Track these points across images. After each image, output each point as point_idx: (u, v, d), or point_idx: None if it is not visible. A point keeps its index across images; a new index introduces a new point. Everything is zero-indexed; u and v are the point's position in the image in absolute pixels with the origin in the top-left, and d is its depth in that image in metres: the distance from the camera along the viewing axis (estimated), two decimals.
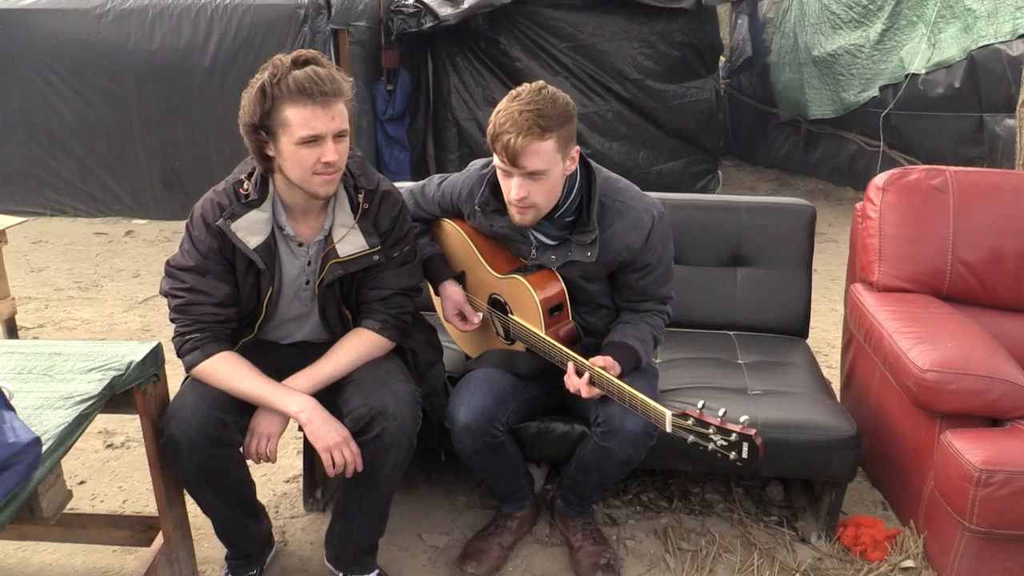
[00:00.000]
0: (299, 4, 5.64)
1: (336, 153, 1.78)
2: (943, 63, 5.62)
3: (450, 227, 2.26)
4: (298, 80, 1.71)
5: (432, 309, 2.46)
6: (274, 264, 1.92)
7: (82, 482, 2.64)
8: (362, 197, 1.93)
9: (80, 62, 6.02)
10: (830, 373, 3.03)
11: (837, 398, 2.43)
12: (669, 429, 1.73)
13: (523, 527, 2.30)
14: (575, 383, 1.90)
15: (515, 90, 1.89)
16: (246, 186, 1.89)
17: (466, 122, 6.48)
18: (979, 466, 1.92)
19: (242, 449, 1.90)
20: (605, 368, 1.88)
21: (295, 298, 2.00)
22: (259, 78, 1.76)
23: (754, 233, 2.73)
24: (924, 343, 2.15)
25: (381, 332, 1.98)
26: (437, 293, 2.25)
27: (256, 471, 2.15)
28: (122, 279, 4.92)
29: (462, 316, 2.20)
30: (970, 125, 5.53)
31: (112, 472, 2.71)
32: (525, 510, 2.29)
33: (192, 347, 1.87)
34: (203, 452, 1.81)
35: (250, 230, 1.87)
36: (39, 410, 1.58)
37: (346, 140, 1.82)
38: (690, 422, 1.69)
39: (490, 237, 2.19)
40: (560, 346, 1.96)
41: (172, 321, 1.92)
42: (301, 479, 2.50)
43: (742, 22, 8.51)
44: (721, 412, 1.68)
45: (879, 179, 2.61)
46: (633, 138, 6.57)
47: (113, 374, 1.72)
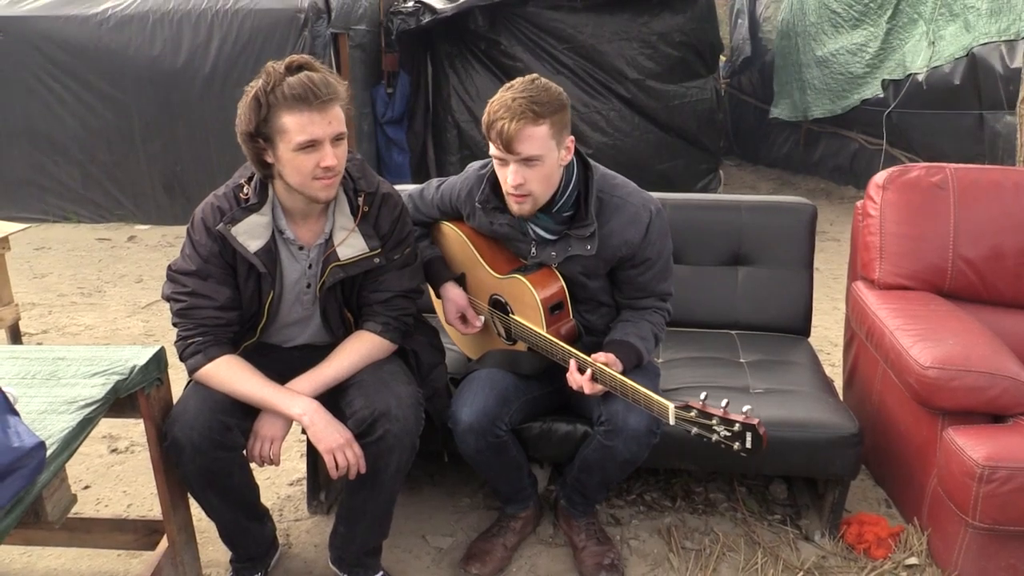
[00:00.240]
0: (299, 8, 5.66)
1: (335, 157, 1.78)
2: (943, 61, 5.62)
3: (449, 230, 2.26)
4: (292, 87, 1.72)
5: (434, 311, 2.47)
6: (275, 268, 1.93)
7: (87, 487, 2.65)
8: (362, 200, 1.94)
9: (81, 68, 6.05)
10: (833, 371, 3.03)
11: (839, 396, 2.43)
12: (672, 422, 1.74)
13: (527, 528, 2.30)
14: (577, 380, 1.91)
15: (508, 83, 1.93)
16: (246, 190, 1.90)
17: (466, 124, 6.49)
18: (982, 462, 1.92)
19: (245, 452, 1.90)
20: (607, 365, 1.88)
21: (296, 301, 2.01)
22: (253, 86, 1.76)
23: (755, 232, 2.73)
24: (925, 340, 2.16)
25: (383, 334, 1.99)
26: (438, 296, 2.26)
27: (260, 474, 2.15)
28: (125, 284, 4.93)
29: (464, 319, 2.21)
30: (971, 122, 5.53)
31: (116, 477, 2.72)
32: (529, 511, 2.29)
33: (195, 351, 1.88)
34: (206, 455, 1.81)
35: (250, 234, 1.88)
36: (43, 415, 1.59)
37: (344, 143, 1.82)
38: (693, 414, 1.70)
39: (490, 238, 2.20)
40: (562, 344, 1.97)
41: (174, 325, 1.93)
42: (305, 482, 2.51)
43: (742, 22, 8.52)
44: (724, 403, 1.68)
45: (879, 177, 2.61)
46: (634, 138, 6.58)
47: (117, 378, 1.73)
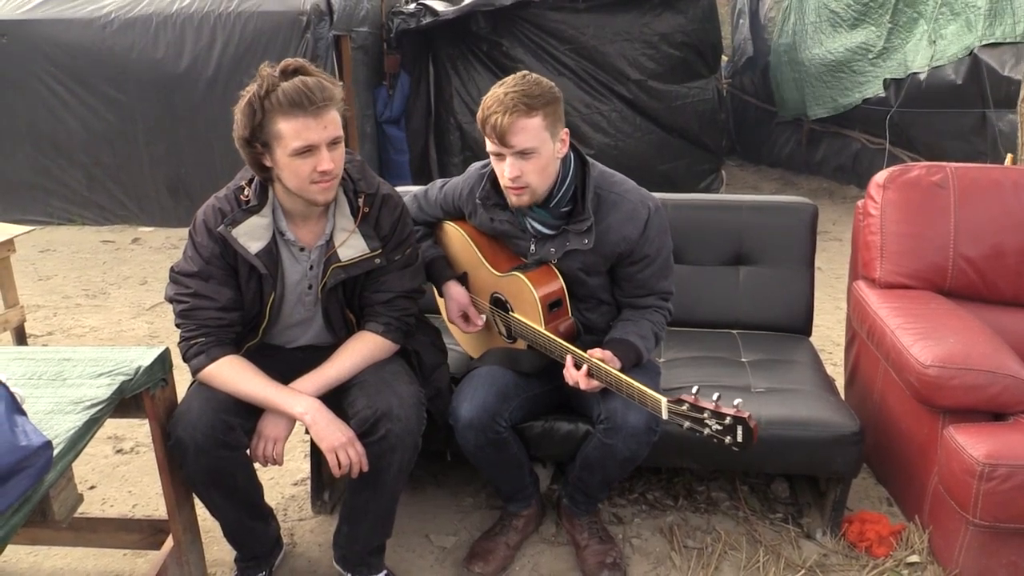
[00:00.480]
0: (301, 11, 5.67)
1: (331, 161, 1.79)
2: (945, 61, 5.62)
3: (452, 229, 2.28)
4: (287, 92, 1.73)
5: (436, 311, 2.48)
6: (276, 269, 1.94)
7: (92, 487, 2.66)
8: (362, 201, 1.95)
9: (85, 71, 6.06)
10: (835, 370, 3.04)
11: (841, 395, 2.43)
12: (665, 416, 1.76)
13: (529, 526, 2.31)
14: (573, 375, 1.93)
15: (500, 80, 1.95)
16: (246, 192, 1.91)
17: (468, 125, 6.50)
18: (982, 460, 1.93)
19: (249, 452, 1.92)
20: (604, 361, 1.90)
21: (298, 302, 2.02)
22: (249, 91, 1.77)
23: (756, 232, 2.74)
24: (926, 339, 2.16)
25: (385, 335, 2.00)
26: (441, 294, 2.28)
27: (264, 474, 2.17)
28: (129, 286, 4.95)
29: (466, 317, 2.23)
30: (973, 122, 5.53)
31: (122, 477, 2.73)
32: (530, 509, 2.30)
33: (197, 351, 1.89)
34: (209, 455, 1.83)
35: (251, 235, 1.89)
36: (50, 415, 1.60)
37: (341, 146, 1.84)
38: (685, 408, 1.72)
39: (491, 237, 2.22)
40: (560, 340, 1.98)
41: (177, 326, 1.94)
42: (309, 482, 2.52)
43: (744, 22, 8.52)
44: (715, 397, 1.70)
45: (880, 176, 2.61)
46: (636, 139, 6.58)
47: (122, 379, 1.74)
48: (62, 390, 1.70)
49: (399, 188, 2.18)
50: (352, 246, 1.94)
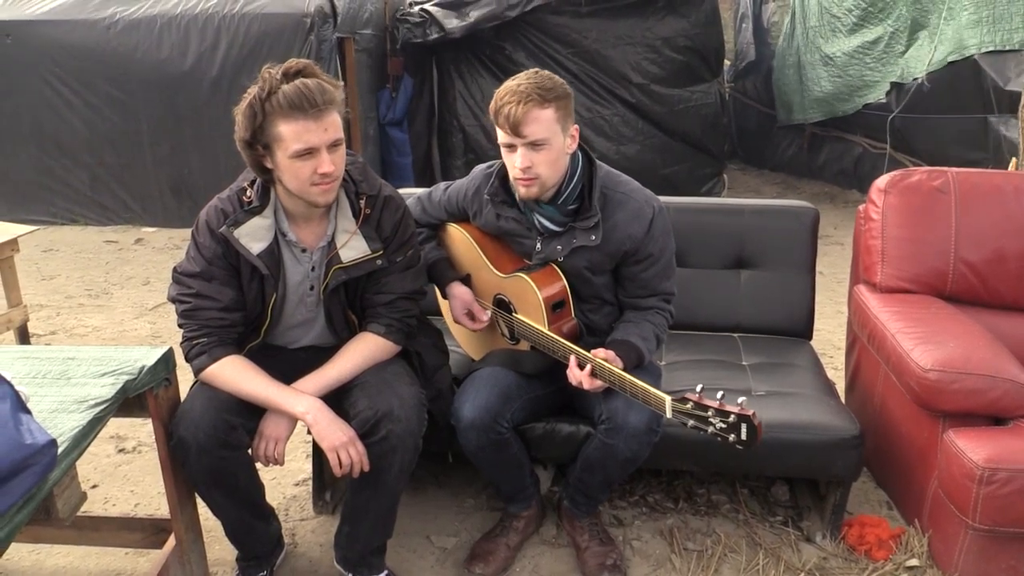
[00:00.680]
0: (305, 13, 5.69)
1: (332, 163, 1.80)
2: (939, 64, 5.63)
3: (455, 231, 2.29)
4: (288, 95, 1.73)
5: (438, 313, 2.49)
6: (278, 270, 1.95)
7: (94, 486, 2.67)
8: (363, 203, 1.96)
9: (89, 72, 6.08)
10: (835, 374, 3.04)
11: (842, 399, 2.44)
12: (669, 414, 1.77)
13: (529, 527, 2.32)
14: (577, 375, 1.94)
15: (513, 76, 2.00)
16: (249, 193, 1.92)
17: (471, 128, 6.52)
18: (982, 464, 1.94)
19: (250, 452, 1.93)
20: (606, 360, 1.91)
21: (300, 303, 2.03)
22: (250, 93, 1.78)
23: (757, 235, 2.75)
24: (927, 343, 2.17)
25: (386, 336, 2.01)
26: (444, 296, 2.29)
27: (266, 474, 2.17)
28: (132, 286, 4.96)
29: (471, 315, 2.24)
30: (975, 127, 5.53)
31: (124, 476, 2.74)
32: (531, 510, 2.31)
33: (200, 351, 1.90)
34: (211, 454, 1.84)
35: (253, 236, 1.90)
36: (54, 413, 1.61)
37: (341, 148, 1.84)
38: (689, 406, 1.72)
39: (495, 238, 2.23)
40: (563, 341, 1.99)
41: (180, 326, 1.95)
42: (310, 482, 2.53)
43: (746, 26, 8.52)
44: (719, 395, 1.70)
45: (881, 181, 2.62)
46: (638, 143, 6.59)
47: (126, 378, 1.75)
48: (66, 389, 1.71)
49: (402, 190, 2.19)
50: (354, 247, 1.95)
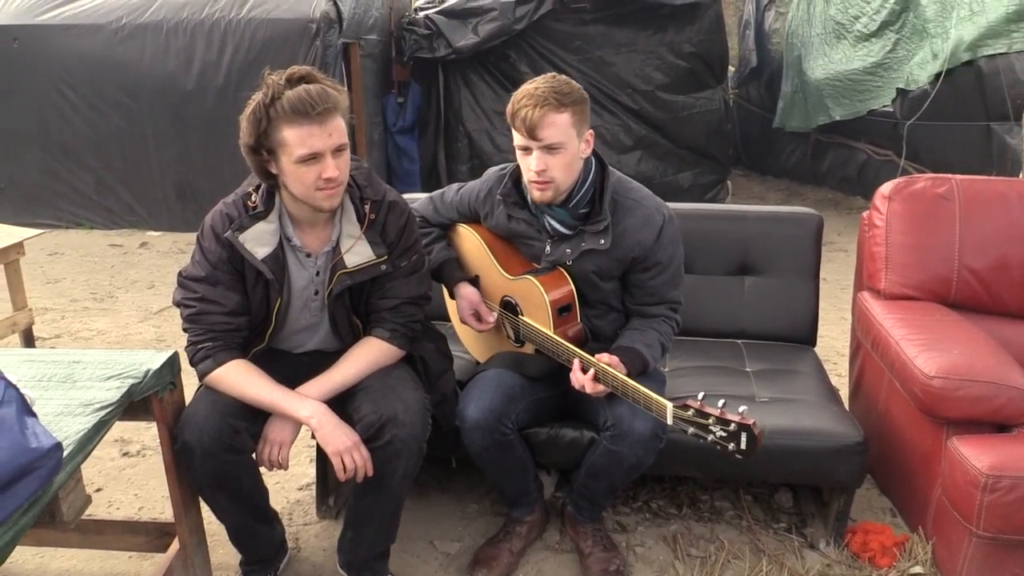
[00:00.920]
0: (311, 19, 5.71)
1: (336, 168, 1.81)
2: (939, 69, 5.63)
3: (466, 232, 2.30)
4: (291, 100, 1.74)
5: (443, 318, 2.49)
6: (283, 275, 1.95)
7: (98, 489, 2.68)
8: (368, 208, 1.96)
9: (95, 77, 6.11)
10: (839, 381, 3.04)
11: (845, 406, 2.44)
12: (670, 421, 1.77)
13: (532, 533, 2.32)
14: (580, 379, 1.94)
15: (531, 79, 2.01)
16: (254, 198, 1.93)
17: (476, 134, 6.53)
18: (986, 472, 1.93)
19: (255, 456, 1.93)
20: (610, 365, 1.91)
21: (304, 308, 2.03)
22: (254, 99, 1.79)
23: (761, 242, 2.75)
24: (931, 350, 2.17)
25: (391, 341, 2.01)
26: (452, 296, 2.29)
27: (270, 479, 2.18)
28: (137, 290, 4.98)
29: (477, 316, 2.24)
30: (978, 134, 5.53)
31: (128, 480, 2.75)
32: (534, 515, 2.31)
33: (204, 355, 1.91)
34: (216, 458, 1.84)
35: (258, 241, 1.91)
36: (59, 416, 1.62)
37: (346, 153, 1.85)
38: (690, 413, 1.72)
39: (505, 241, 2.24)
40: (568, 344, 2.00)
41: (185, 330, 1.96)
42: (314, 487, 2.53)
43: (749, 32, 8.54)
44: (720, 403, 1.70)
45: (885, 188, 2.62)
46: (642, 149, 6.60)
47: (131, 382, 1.76)
48: (72, 392, 1.72)
49: (409, 196, 2.20)
50: (358, 252, 1.95)
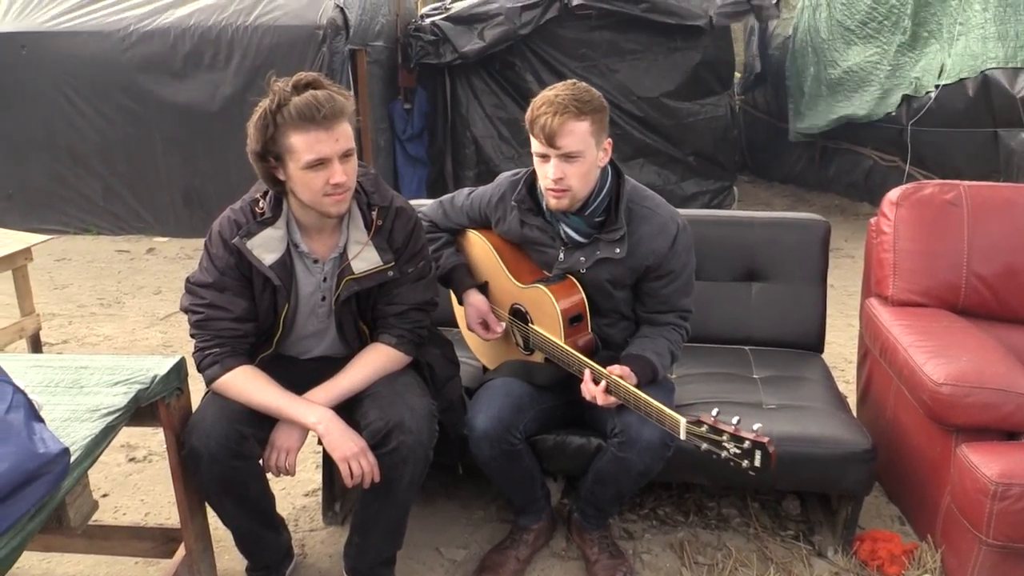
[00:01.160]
0: (318, 25, 5.73)
1: (344, 174, 1.81)
2: (952, 79, 5.62)
3: (476, 237, 2.30)
4: (298, 106, 1.75)
5: (450, 324, 2.49)
6: (290, 281, 1.96)
7: (105, 495, 2.68)
8: (375, 214, 1.97)
9: (103, 83, 6.14)
10: (847, 388, 3.03)
11: (853, 412, 2.43)
12: (683, 436, 1.75)
13: (539, 540, 2.31)
14: (591, 390, 1.93)
15: (551, 86, 1.99)
16: (261, 205, 1.94)
17: (483, 140, 6.55)
18: (995, 479, 1.92)
19: (261, 462, 1.93)
20: (621, 377, 1.91)
21: (312, 314, 2.03)
22: (261, 105, 1.80)
23: (769, 248, 2.74)
24: (939, 357, 2.16)
25: (397, 347, 2.01)
26: (460, 302, 2.29)
27: (276, 485, 2.18)
28: (144, 296, 4.99)
29: (485, 324, 2.24)
30: (985, 140, 5.52)
31: (134, 485, 2.75)
32: (542, 523, 2.30)
33: (212, 361, 1.91)
34: (223, 464, 1.84)
35: (265, 247, 1.91)
36: (67, 422, 1.62)
37: (353, 159, 1.86)
38: (704, 429, 1.71)
39: (515, 248, 2.23)
40: (578, 355, 1.99)
41: (192, 336, 1.96)
42: (320, 493, 2.53)
43: (755, 38, 8.54)
44: (735, 420, 1.69)
45: (893, 194, 2.62)
46: (648, 155, 6.60)
47: (138, 387, 1.76)
48: (79, 398, 1.72)
49: (415, 202, 2.20)
50: (365, 258, 1.95)
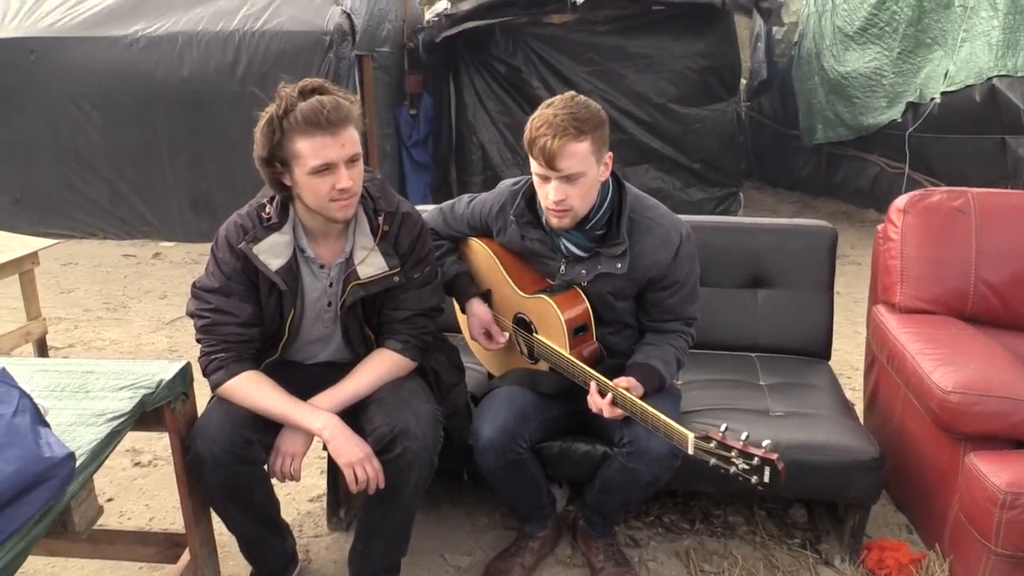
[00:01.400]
0: (324, 31, 5.75)
1: (350, 179, 1.81)
2: (956, 87, 5.61)
3: (477, 246, 2.29)
4: (304, 112, 1.75)
5: (456, 330, 2.49)
6: (296, 286, 1.96)
7: (110, 499, 2.68)
8: (382, 219, 1.96)
9: (110, 88, 6.16)
10: (854, 395, 3.01)
11: (860, 420, 2.41)
12: (691, 451, 1.73)
13: (545, 548, 2.30)
14: (597, 403, 1.91)
15: (548, 100, 1.95)
16: (268, 210, 1.94)
17: (489, 145, 6.56)
18: (1004, 488, 1.91)
19: (266, 467, 1.93)
20: (628, 389, 1.89)
21: (317, 319, 2.03)
22: (268, 111, 1.80)
23: (775, 255, 2.73)
24: (947, 364, 2.15)
25: (403, 352, 2.01)
26: (463, 311, 2.28)
27: (280, 490, 2.17)
28: (150, 300, 5.00)
29: (488, 335, 2.23)
30: (992, 147, 5.50)
31: (139, 490, 2.75)
32: (547, 530, 2.29)
33: (217, 366, 1.91)
34: (227, 469, 1.84)
35: (272, 252, 1.91)
36: (72, 426, 1.62)
37: (359, 164, 1.85)
38: (712, 445, 1.69)
39: (517, 256, 2.22)
40: (583, 366, 1.98)
41: (198, 341, 1.96)
42: (325, 498, 2.52)
43: (761, 44, 8.54)
44: (744, 436, 1.67)
45: (900, 201, 2.61)
46: (654, 161, 6.60)
47: (144, 392, 1.76)
48: (85, 402, 1.72)
49: (420, 207, 2.20)
50: (371, 264, 1.95)
